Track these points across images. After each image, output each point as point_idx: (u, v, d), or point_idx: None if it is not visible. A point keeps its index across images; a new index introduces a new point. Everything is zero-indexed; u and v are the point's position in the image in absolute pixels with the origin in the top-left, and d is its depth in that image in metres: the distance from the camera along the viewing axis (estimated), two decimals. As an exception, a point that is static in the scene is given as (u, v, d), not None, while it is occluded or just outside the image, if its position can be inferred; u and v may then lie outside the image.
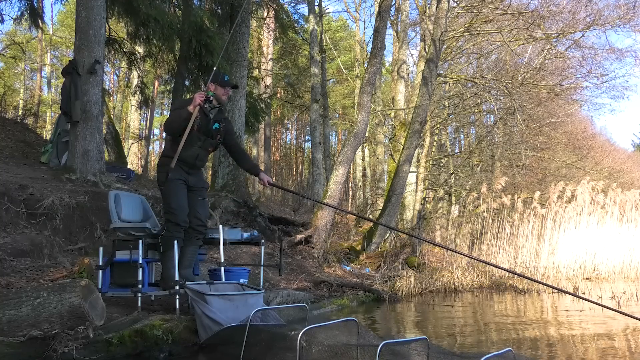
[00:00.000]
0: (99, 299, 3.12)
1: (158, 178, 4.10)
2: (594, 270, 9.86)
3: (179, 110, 3.95)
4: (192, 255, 4.17)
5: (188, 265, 4.10)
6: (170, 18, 9.17)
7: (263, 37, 19.94)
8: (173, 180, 3.96)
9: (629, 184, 19.01)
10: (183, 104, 4.01)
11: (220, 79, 4.12)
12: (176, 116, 3.94)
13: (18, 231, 5.13)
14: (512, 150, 17.41)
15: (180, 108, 3.97)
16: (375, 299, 6.78)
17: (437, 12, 11.46)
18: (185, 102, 4.11)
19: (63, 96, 6.86)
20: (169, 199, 3.98)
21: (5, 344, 2.82)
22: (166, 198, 4.01)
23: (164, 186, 4.00)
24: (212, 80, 4.12)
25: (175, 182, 3.97)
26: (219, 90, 4.11)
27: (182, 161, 3.96)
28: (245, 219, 8.71)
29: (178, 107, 4.09)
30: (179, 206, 3.96)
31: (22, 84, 27.21)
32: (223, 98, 4.16)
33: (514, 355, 2.57)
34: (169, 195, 3.98)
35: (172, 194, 3.97)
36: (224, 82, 4.13)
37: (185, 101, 4.12)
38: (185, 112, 3.85)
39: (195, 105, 3.83)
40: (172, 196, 3.97)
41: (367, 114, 9.43)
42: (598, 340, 4.44)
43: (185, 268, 4.04)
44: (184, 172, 4.04)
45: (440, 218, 15.47)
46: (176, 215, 3.92)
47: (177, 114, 3.94)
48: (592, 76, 15.84)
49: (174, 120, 3.96)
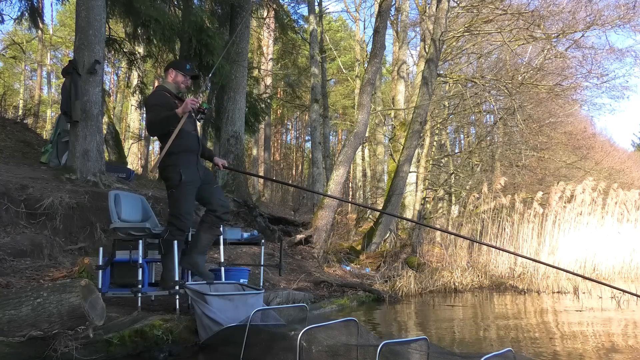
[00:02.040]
0: (99, 299, 3.12)
1: (169, 179, 3.83)
2: (594, 270, 9.86)
3: (164, 113, 3.75)
4: (208, 242, 4.09)
5: (203, 252, 4.03)
6: (171, 18, 9.16)
7: (263, 37, 19.94)
8: (187, 183, 3.81)
9: (629, 184, 19.02)
10: (162, 101, 3.83)
11: (182, 67, 3.96)
12: (163, 120, 3.75)
13: (18, 231, 5.12)
14: (512, 150, 17.42)
15: (160, 105, 3.79)
16: (375, 299, 6.78)
17: (437, 12, 11.46)
18: (162, 97, 3.88)
19: (63, 96, 6.85)
20: (179, 203, 3.83)
21: (5, 344, 2.82)
22: (176, 202, 3.85)
23: (176, 189, 3.82)
24: (172, 66, 3.97)
25: (188, 186, 3.83)
26: (179, 78, 3.95)
27: (190, 151, 3.84)
28: (245, 219, 8.71)
29: (157, 103, 3.85)
30: (188, 212, 3.88)
31: (22, 84, 27.21)
32: (182, 86, 3.99)
33: (514, 355, 2.56)
34: (179, 200, 3.83)
35: (183, 198, 3.84)
36: (185, 70, 3.95)
37: (162, 96, 3.90)
38: (174, 117, 3.69)
39: (185, 111, 3.68)
40: (183, 201, 3.84)
41: (367, 114, 9.43)
42: (598, 340, 4.44)
43: (200, 254, 3.97)
44: (195, 167, 3.89)
45: (440, 218, 15.48)
46: (184, 222, 3.85)
47: (164, 118, 3.74)
48: (592, 76, 15.85)
49: (160, 123, 3.77)
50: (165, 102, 3.86)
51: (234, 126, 9.73)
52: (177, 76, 3.95)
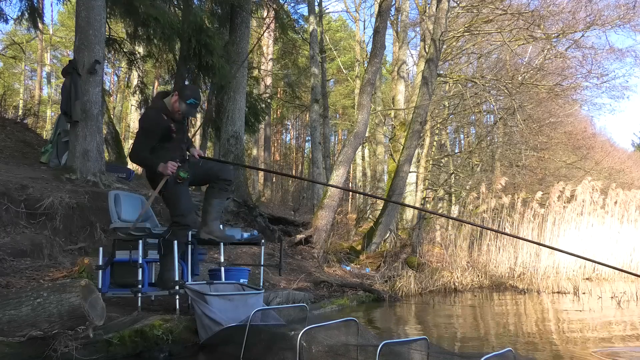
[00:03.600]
0: (99, 299, 3.12)
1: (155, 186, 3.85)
2: (594, 270, 9.86)
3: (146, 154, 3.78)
4: (220, 207, 4.12)
5: (216, 218, 4.06)
6: (171, 18, 9.16)
7: (263, 37, 19.93)
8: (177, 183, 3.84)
9: (629, 184, 19.01)
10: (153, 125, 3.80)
11: (185, 97, 3.82)
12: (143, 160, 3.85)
13: (18, 231, 5.12)
14: (512, 150, 17.42)
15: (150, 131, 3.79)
16: (375, 299, 6.78)
17: (437, 12, 11.45)
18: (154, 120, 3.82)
19: (63, 96, 6.85)
20: (176, 203, 3.87)
21: (5, 344, 2.81)
22: (173, 203, 3.88)
23: (169, 191, 3.85)
24: (180, 90, 3.88)
25: (178, 185, 3.86)
26: (176, 106, 3.83)
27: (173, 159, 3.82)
28: (245, 219, 8.71)
29: (147, 127, 3.84)
30: (187, 208, 3.91)
31: (22, 84, 27.22)
32: (176, 115, 3.86)
33: (514, 355, 2.56)
34: (175, 200, 3.87)
35: (179, 197, 3.88)
36: (185, 102, 3.81)
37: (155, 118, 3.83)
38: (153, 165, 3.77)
39: (165, 174, 3.73)
40: (179, 200, 3.88)
41: (367, 114, 9.43)
42: (598, 340, 4.44)
43: (214, 220, 4.01)
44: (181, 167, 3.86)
45: (440, 218, 15.45)
46: (185, 217, 3.88)
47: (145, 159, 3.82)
48: (592, 76, 15.86)
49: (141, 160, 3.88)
50: (156, 127, 3.82)
51: (234, 126, 9.72)
52: (177, 102, 3.85)
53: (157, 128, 3.82)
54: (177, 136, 3.91)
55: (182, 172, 3.82)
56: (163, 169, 3.75)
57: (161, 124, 3.83)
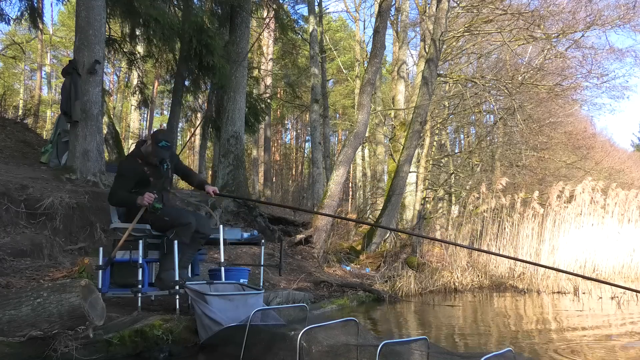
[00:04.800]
0: (99, 299, 3.12)
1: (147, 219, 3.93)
2: (594, 270, 9.85)
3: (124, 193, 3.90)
4: (191, 257, 4.16)
5: (184, 267, 4.08)
6: (171, 18, 9.17)
7: (263, 37, 19.93)
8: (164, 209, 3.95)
9: (629, 184, 19.01)
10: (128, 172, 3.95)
11: (157, 140, 3.91)
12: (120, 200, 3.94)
13: (18, 231, 5.12)
14: (512, 150, 17.40)
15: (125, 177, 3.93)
16: (375, 299, 6.78)
17: (437, 12, 11.45)
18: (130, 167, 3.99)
19: (63, 96, 6.85)
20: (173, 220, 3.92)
21: (5, 344, 2.82)
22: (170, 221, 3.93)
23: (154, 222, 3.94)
24: (154, 135, 3.98)
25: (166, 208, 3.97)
26: (149, 149, 3.94)
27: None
28: (245, 219, 8.71)
29: (123, 174, 3.98)
30: (180, 214, 4.00)
31: (22, 84, 27.20)
32: (151, 157, 3.96)
33: (514, 355, 2.57)
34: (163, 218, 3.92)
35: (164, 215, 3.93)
36: (156, 145, 3.92)
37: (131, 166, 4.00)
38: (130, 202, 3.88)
39: (142, 205, 3.82)
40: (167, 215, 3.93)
41: (367, 114, 9.43)
42: (598, 340, 4.44)
43: (182, 268, 4.01)
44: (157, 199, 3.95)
45: (440, 218, 15.44)
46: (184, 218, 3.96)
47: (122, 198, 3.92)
48: (592, 76, 15.84)
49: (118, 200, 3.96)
50: (129, 172, 3.97)
51: (234, 126, 9.72)
52: (150, 146, 3.95)
53: (131, 173, 3.97)
54: (154, 180, 4.01)
55: (157, 204, 3.89)
56: (140, 200, 3.83)
57: (135, 169, 3.98)
